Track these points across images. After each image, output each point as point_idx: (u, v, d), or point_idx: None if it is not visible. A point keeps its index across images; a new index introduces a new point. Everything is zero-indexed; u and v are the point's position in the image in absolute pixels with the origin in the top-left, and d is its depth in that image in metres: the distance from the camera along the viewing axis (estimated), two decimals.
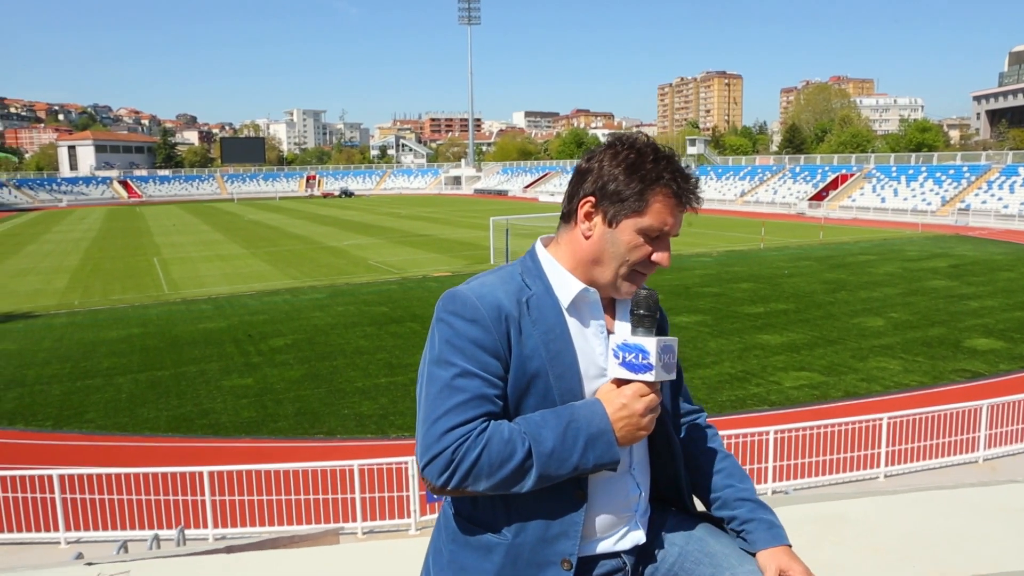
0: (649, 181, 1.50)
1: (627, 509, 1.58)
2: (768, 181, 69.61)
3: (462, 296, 1.49)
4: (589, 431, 1.43)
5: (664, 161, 1.53)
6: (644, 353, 1.43)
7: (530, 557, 1.49)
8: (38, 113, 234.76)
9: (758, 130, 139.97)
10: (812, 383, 14.69)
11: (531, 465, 1.41)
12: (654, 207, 1.51)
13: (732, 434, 9.80)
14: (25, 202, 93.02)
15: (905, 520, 1.81)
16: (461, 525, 1.57)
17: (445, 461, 1.39)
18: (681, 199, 1.52)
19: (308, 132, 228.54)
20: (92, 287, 28.74)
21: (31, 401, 14.52)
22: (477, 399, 1.44)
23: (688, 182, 1.53)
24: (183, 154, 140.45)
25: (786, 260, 31.69)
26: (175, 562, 1.67)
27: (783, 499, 1.96)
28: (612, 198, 1.52)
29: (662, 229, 1.51)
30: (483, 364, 1.46)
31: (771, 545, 1.57)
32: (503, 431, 1.42)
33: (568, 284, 1.55)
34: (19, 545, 8.58)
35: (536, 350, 1.48)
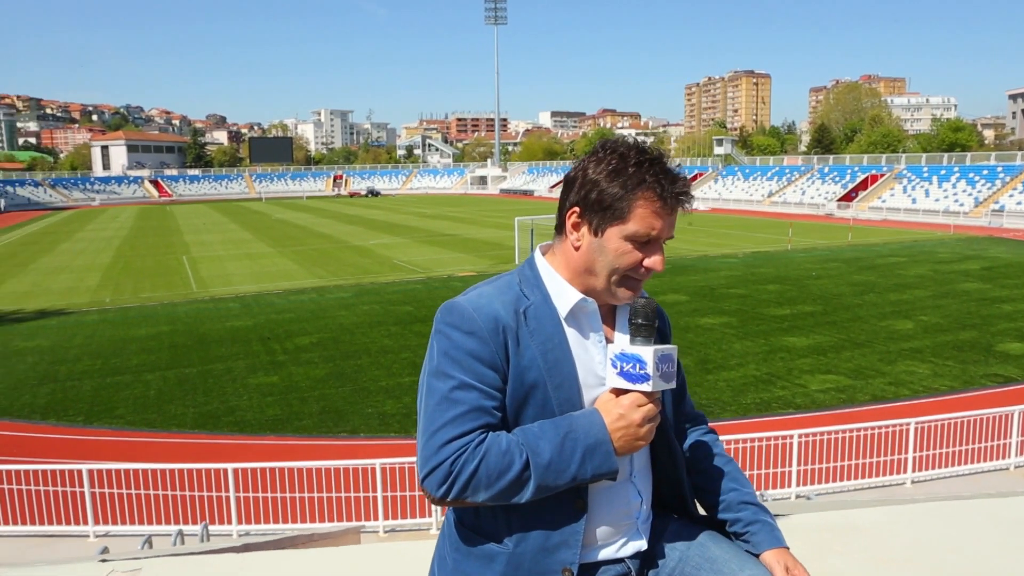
0: (631, 187, 1.48)
1: (628, 517, 1.59)
2: (796, 181, 68.85)
3: (459, 308, 1.50)
4: (587, 442, 1.43)
5: (647, 164, 1.49)
6: (641, 363, 1.43)
7: (531, 566, 1.50)
8: (73, 114, 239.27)
9: (786, 130, 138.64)
10: (838, 386, 14.52)
11: (529, 476, 1.41)
12: (637, 213, 1.48)
13: (755, 437, 9.72)
14: (60, 201, 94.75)
15: (916, 531, 1.78)
16: (464, 534, 1.58)
17: (444, 473, 1.41)
18: (667, 202, 1.49)
19: (335, 132, 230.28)
20: (123, 285, 29.22)
21: (63, 396, 14.79)
22: (475, 411, 1.44)
23: (675, 183, 1.50)
24: (212, 154, 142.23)
25: (813, 262, 31.32)
26: (187, 560, 1.70)
27: (792, 506, 1.94)
28: (595, 207, 1.50)
29: (649, 234, 1.49)
30: (480, 376, 1.46)
31: (775, 546, 1.59)
32: (501, 443, 1.42)
33: (566, 294, 1.55)
34: (50, 538, 8.75)
35: (534, 360, 1.48)
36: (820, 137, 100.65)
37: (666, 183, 1.49)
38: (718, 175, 79.04)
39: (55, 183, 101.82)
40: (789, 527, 1.73)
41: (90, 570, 1.63)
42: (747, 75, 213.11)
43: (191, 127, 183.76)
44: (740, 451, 9.59)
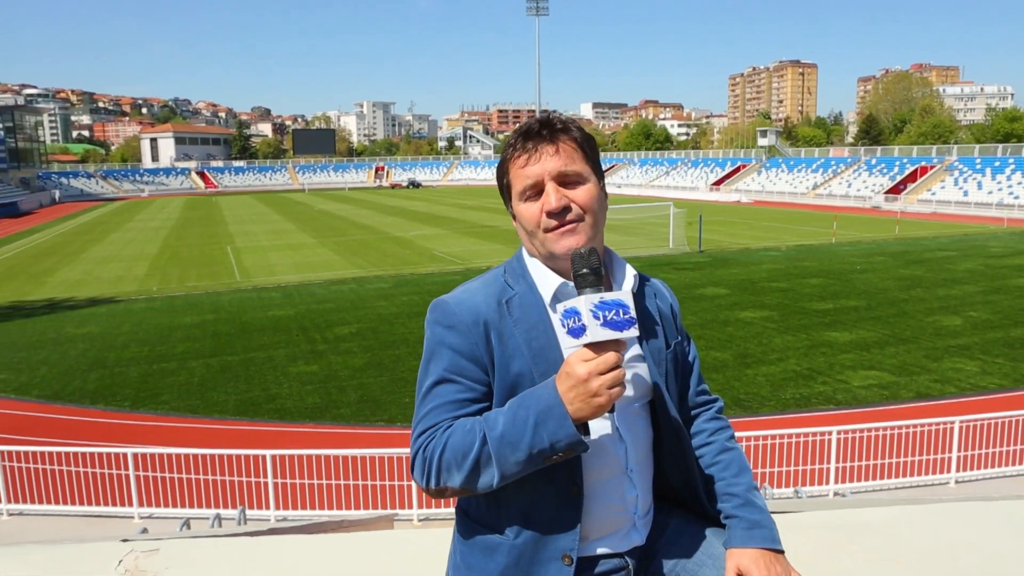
0: (505, 157, 1.57)
1: (624, 512, 1.57)
2: (842, 173, 67.44)
3: (443, 304, 1.54)
4: (538, 407, 1.37)
5: (515, 131, 1.57)
6: (577, 314, 1.34)
7: (532, 555, 1.51)
8: (124, 107, 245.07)
9: (833, 121, 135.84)
10: (882, 383, 14.22)
11: (488, 452, 1.39)
12: (512, 175, 1.55)
13: (793, 433, 9.58)
14: (111, 192, 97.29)
15: (931, 531, 1.73)
16: (468, 526, 1.60)
17: (420, 462, 1.44)
18: (524, 149, 1.52)
19: (377, 124, 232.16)
20: (169, 274, 29.90)
21: (111, 382, 15.22)
22: (450, 403, 1.47)
23: (528, 127, 1.53)
24: (257, 145, 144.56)
25: (858, 255, 30.68)
26: (203, 542, 1.76)
27: (805, 503, 1.91)
28: (502, 192, 1.61)
29: (527, 185, 1.51)
30: (460, 369, 1.48)
31: (742, 545, 1.52)
32: (466, 424, 1.43)
33: (548, 281, 1.55)
34: (97, 518, 9.04)
35: (518, 349, 1.49)
36: (868, 128, 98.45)
37: (521, 136, 1.53)
38: (761, 167, 77.79)
39: (106, 175, 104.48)
40: (801, 525, 1.70)
41: (112, 549, 1.69)
42: (793, 65, 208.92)
43: (237, 119, 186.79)
44: (777, 447, 9.46)
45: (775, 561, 1.50)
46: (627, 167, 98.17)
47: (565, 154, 1.50)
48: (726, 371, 14.97)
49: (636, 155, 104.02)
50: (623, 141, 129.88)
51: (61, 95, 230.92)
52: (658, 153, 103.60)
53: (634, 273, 1.62)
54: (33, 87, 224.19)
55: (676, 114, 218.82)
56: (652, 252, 32.36)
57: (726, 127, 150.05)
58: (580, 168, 1.52)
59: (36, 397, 14.43)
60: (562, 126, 1.53)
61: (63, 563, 1.64)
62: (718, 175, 79.68)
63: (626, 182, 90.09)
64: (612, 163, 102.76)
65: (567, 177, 1.50)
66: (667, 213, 36.17)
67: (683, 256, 31.14)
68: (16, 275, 30.72)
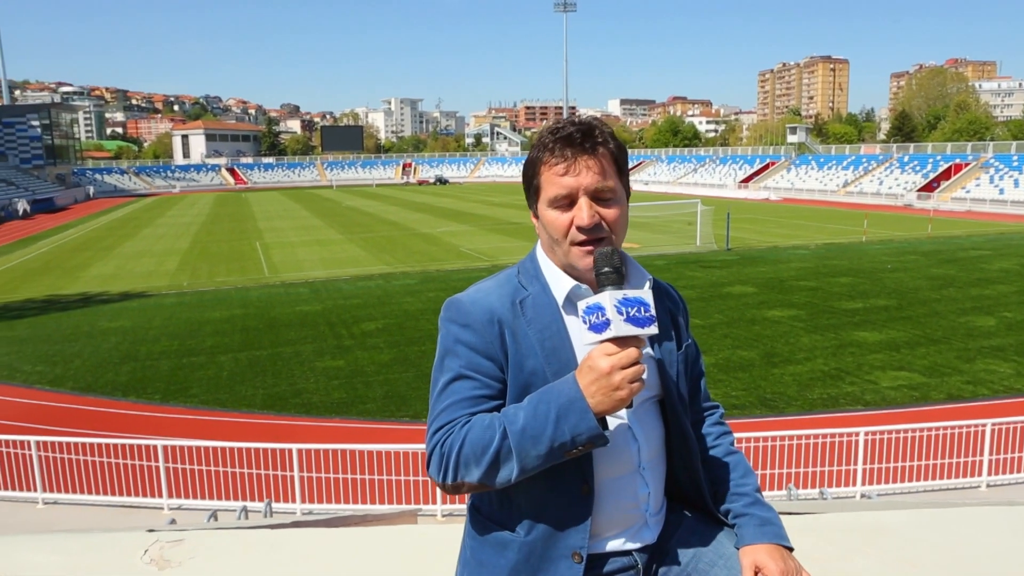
0: (536, 162, 1.54)
1: (636, 509, 1.58)
2: (873, 171, 66.43)
3: (458, 303, 1.56)
4: (559, 401, 1.39)
5: (547, 134, 1.54)
6: (601, 310, 1.37)
7: (542, 552, 1.52)
8: (156, 104, 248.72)
9: (864, 117, 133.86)
10: (911, 384, 14.02)
11: (509, 447, 1.40)
12: (544, 179, 1.53)
13: (820, 433, 9.49)
14: (143, 188, 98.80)
15: (946, 535, 1.71)
16: (480, 522, 1.62)
17: (438, 456, 1.45)
18: (563, 156, 1.49)
19: (405, 120, 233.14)
20: (199, 269, 30.33)
21: (142, 375, 15.49)
22: (467, 400, 1.49)
23: (569, 138, 1.50)
24: (286, 142, 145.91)
25: (889, 254, 30.23)
26: (226, 534, 1.80)
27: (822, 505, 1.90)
28: (528, 195, 1.59)
29: (560, 194, 1.50)
30: (476, 366, 1.50)
31: (756, 541, 1.54)
32: (484, 419, 1.45)
33: (561, 282, 1.57)
34: (128, 508, 9.22)
35: (532, 349, 1.51)
36: (900, 125, 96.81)
37: (560, 141, 1.51)
38: (791, 164, 76.89)
39: (139, 171, 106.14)
40: (817, 527, 1.69)
41: (138, 539, 1.75)
42: (824, 61, 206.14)
43: (266, 116, 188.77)
44: (803, 447, 9.38)
45: (788, 557, 1.52)
46: (654, 164, 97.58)
47: (602, 169, 1.51)
48: (752, 370, 14.86)
49: (663, 152, 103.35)
50: (651, 138, 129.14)
51: (96, 93, 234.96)
52: (686, 150, 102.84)
53: (649, 277, 1.64)
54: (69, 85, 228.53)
55: (705, 111, 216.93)
56: (679, 250, 32.17)
57: (755, 124, 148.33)
58: (614, 184, 1.53)
59: (70, 389, 14.73)
60: (603, 138, 1.52)
61: (92, 551, 1.70)
62: (746, 172, 78.91)
63: (653, 179, 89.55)
64: (639, 160, 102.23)
65: (601, 193, 1.51)
66: (694, 211, 35.93)
67: (710, 254, 30.92)
68: (52, 269, 31.36)
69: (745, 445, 9.27)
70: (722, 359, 15.64)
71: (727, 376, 14.53)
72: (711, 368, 15.01)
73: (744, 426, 11.70)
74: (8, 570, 1.57)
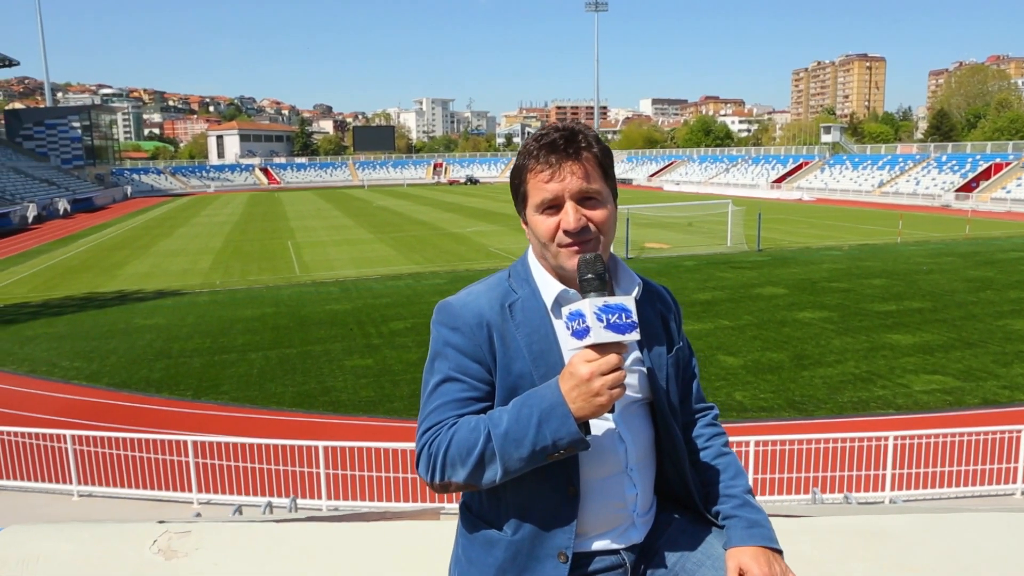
0: (523, 168, 1.56)
1: (623, 509, 1.60)
2: (910, 171, 65.24)
3: (448, 306, 1.59)
4: (542, 406, 1.41)
5: (532, 141, 1.56)
6: (582, 316, 1.38)
7: (529, 551, 1.55)
8: (192, 105, 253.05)
9: (901, 116, 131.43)
10: (945, 388, 13.76)
11: (493, 448, 1.43)
12: (530, 185, 1.55)
13: (848, 437, 9.37)
14: (179, 187, 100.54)
15: (948, 540, 1.67)
16: (470, 520, 1.65)
17: (425, 457, 1.49)
18: (547, 162, 1.51)
19: (436, 120, 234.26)
20: (232, 268, 30.78)
21: (175, 372, 15.78)
22: (455, 402, 1.52)
23: (552, 143, 1.52)
24: (319, 142, 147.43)
25: (925, 255, 29.68)
26: (233, 526, 1.85)
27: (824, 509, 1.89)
28: (516, 202, 1.61)
29: (545, 199, 1.52)
30: (464, 368, 1.53)
31: (743, 544, 1.54)
32: (471, 421, 1.48)
33: (549, 286, 1.59)
34: (158, 502, 9.41)
35: (519, 352, 1.53)
36: (938, 123, 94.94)
37: (544, 148, 1.53)
38: (824, 164, 75.84)
39: (175, 171, 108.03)
40: (814, 529, 1.68)
41: (148, 529, 1.81)
42: (860, 59, 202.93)
43: (299, 117, 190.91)
44: (830, 451, 9.27)
45: (775, 560, 1.52)
46: (686, 164, 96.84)
47: (586, 173, 1.53)
48: (781, 372, 14.70)
49: (695, 152, 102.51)
50: (682, 138, 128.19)
51: (135, 94, 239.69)
52: (718, 150, 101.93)
53: (639, 281, 1.66)
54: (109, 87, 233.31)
55: (737, 110, 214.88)
56: (709, 250, 31.92)
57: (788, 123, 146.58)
58: (600, 187, 1.54)
59: (106, 384, 15.05)
60: (586, 143, 1.54)
61: (104, 540, 1.76)
62: (779, 172, 78.00)
63: (685, 179, 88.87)
64: (670, 160, 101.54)
65: (587, 195, 1.53)
66: (725, 211, 35.61)
67: (741, 255, 30.63)
68: (90, 267, 32.05)
69: (771, 448, 9.19)
70: (751, 361, 15.50)
71: (755, 378, 14.39)
72: (739, 370, 14.88)
73: (771, 428, 11.59)
74: (21, 556, 1.64)
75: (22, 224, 53.09)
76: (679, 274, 26.09)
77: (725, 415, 12.56)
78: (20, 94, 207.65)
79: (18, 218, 53.36)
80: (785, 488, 9.18)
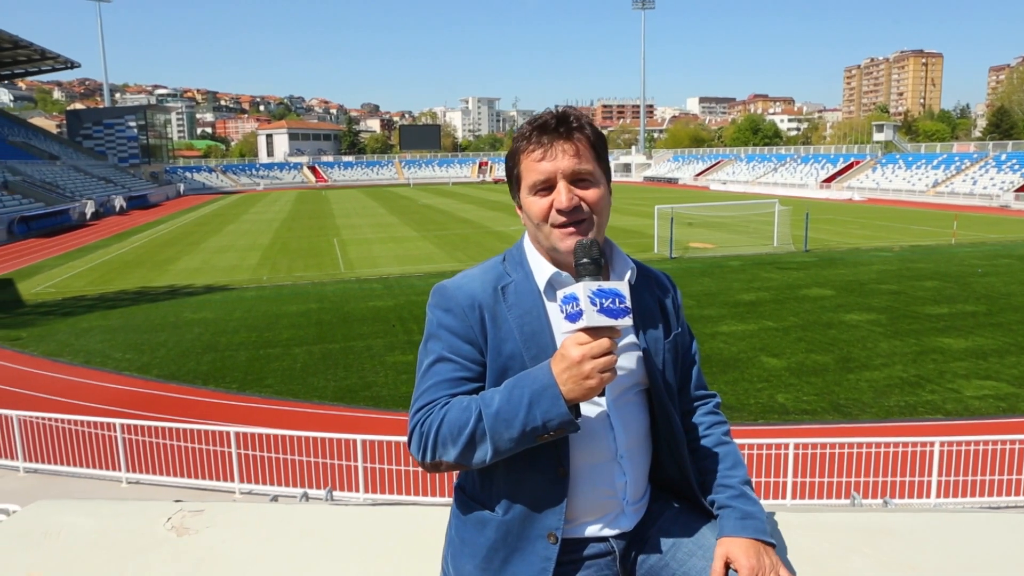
0: (516, 151, 1.59)
1: (613, 496, 1.61)
2: (967, 170, 63.31)
3: (442, 288, 1.63)
4: (533, 387, 1.43)
5: (526, 124, 1.60)
6: (575, 300, 1.40)
7: (519, 532, 1.57)
8: (243, 105, 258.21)
9: (959, 114, 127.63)
10: (998, 394, 13.35)
11: (484, 428, 1.45)
12: (523, 167, 1.58)
13: (892, 442, 9.16)
14: (229, 185, 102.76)
15: (955, 540, 1.63)
16: (463, 501, 1.67)
17: (416, 436, 1.51)
18: (539, 142, 1.54)
19: (482, 119, 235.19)
20: (279, 264, 31.36)
21: (222, 365, 16.15)
22: (448, 381, 1.54)
23: (544, 125, 1.55)
24: (365, 141, 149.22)
25: (980, 257, 28.80)
26: (246, 506, 1.93)
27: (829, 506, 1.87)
28: (510, 184, 1.65)
29: (538, 179, 1.55)
30: (456, 349, 1.56)
31: (734, 534, 1.53)
32: (462, 401, 1.50)
33: (543, 269, 1.61)
34: (202, 491, 9.66)
35: (511, 333, 1.56)
36: (998, 121, 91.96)
37: (537, 129, 1.56)
38: (877, 163, 74.06)
39: (226, 169, 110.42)
40: (817, 524, 1.66)
41: (164, 508, 1.91)
42: (915, 55, 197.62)
43: (347, 116, 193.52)
44: (872, 455, 9.07)
45: (765, 553, 1.51)
46: (733, 163, 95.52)
47: (579, 153, 1.55)
48: (826, 375, 14.42)
49: (743, 151, 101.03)
50: (730, 136, 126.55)
51: (188, 94, 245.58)
52: (766, 149, 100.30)
53: (632, 266, 1.67)
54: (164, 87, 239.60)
55: (786, 108, 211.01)
56: (755, 251, 31.45)
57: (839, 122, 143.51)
58: (592, 168, 1.57)
59: (155, 376, 15.48)
60: (577, 124, 1.57)
61: (122, 517, 1.86)
62: (829, 172, 76.43)
63: (732, 179, 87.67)
64: (717, 159, 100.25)
65: (579, 175, 1.55)
66: (772, 211, 35.05)
67: (787, 255, 30.11)
68: (143, 263, 32.98)
69: (811, 451, 9.03)
70: (795, 363, 15.24)
71: (799, 380, 14.15)
72: (782, 371, 14.65)
73: (812, 432, 11.38)
74: (45, 529, 1.74)
75: (80, 220, 54.85)
76: (723, 274, 25.77)
77: (766, 417, 12.40)
78: (81, 95, 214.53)
79: (77, 215, 55.13)
80: (825, 492, 9.02)
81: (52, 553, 1.79)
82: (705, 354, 15.92)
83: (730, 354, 15.94)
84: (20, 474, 10.53)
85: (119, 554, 1.78)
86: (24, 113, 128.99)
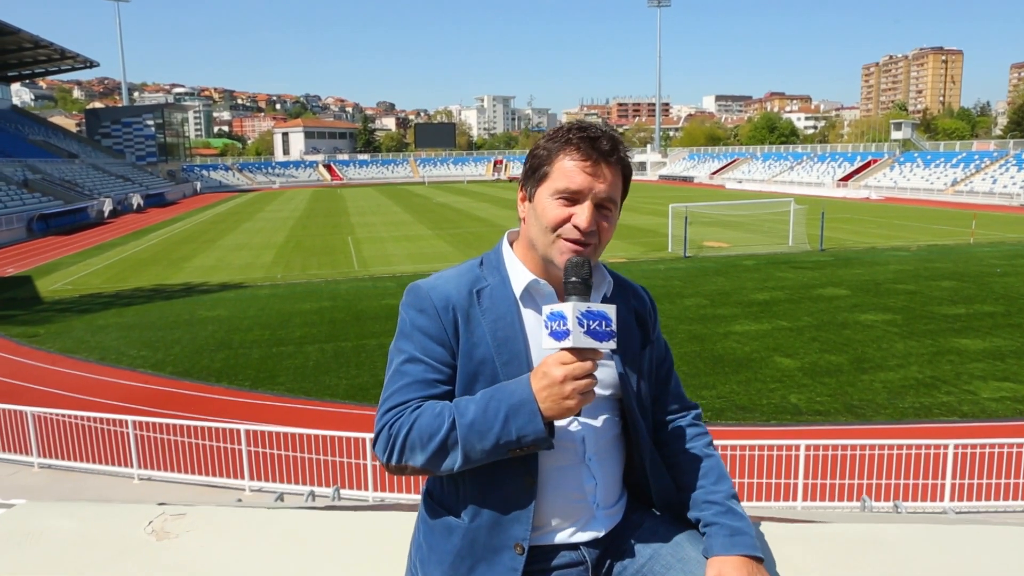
0: (555, 148, 1.54)
1: (582, 501, 1.58)
2: (986, 168, 62.59)
3: (416, 289, 1.60)
4: (510, 401, 1.42)
5: (575, 129, 1.54)
6: (563, 318, 1.38)
7: (486, 540, 1.54)
8: (259, 103, 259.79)
9: (979, 112, 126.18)
10: (1016, 396, 13.17)
11: (456, 437, 1.43)
12: (558, 166, 1.53)
13: (904, 444, 9.05)
14: (245, 183, 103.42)
15: (945, 553, 1.58)
16: (430, 507, 1.65)
17: (384, 437, 1.49)
18: (586, 155, 1.51)
19: (497, 117, 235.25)
20: (293, 262, 31.50)
21: (235, 362, 16.23)
22: (419, 383, 1.52)
23: (596, 141, 1.52)
24: (381, 139, 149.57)
25: (1000, 257, 28.45)
26: (227, 510, 1.92)
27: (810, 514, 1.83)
28: (529, 174, 1.59)
29: (568, 188, 1.51)
30: (428, 351, 1.54)
31: (725, 553, 1.50)
32: (435, 407, 1.48)
33: (520, 275, 1.59)
34: (211, 488, 9.72)
35: (483, 338, 1.53)
36: (1019, 119, 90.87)
37: (586, 141, 1.52)
38: (894, 162, 73.38)
39: (242, 167, 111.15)
40: (807, 536, 1.62)
41: (147, 511, 1.90)
42: (935, 52, 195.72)
43: (362, 114, 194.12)
44: (884, 457, 8.98)
45: (757, 570, 1.48)
46: (749, 161, 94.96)
47: (614, 181, 1.55)
48: (840, 376, 14.29)
49: (758, 149, 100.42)
50: (746, 135, 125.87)
51: (205, 93, 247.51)
52: (782, 147, 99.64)
53: (609, 279, 1.66)
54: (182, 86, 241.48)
55: (803, 107, 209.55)
56: (770, 250, 31.25)
57: (857, 120, 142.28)
58: (617, 200, 1.57)
59: (169, 373, 15.59)
60: (623, 154, 1.57)
61: (104, 519, 1.85)
62: (846, 170, 75.82)
63: (747, 177, 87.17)
64: (733, 157, 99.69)
65: (605, 203, 1.54)
66: (787, 210, 34.81)
67: (803, 254, 29.89)
68: (159, 260, 33.25)
69: (822, 453, 8.95)
70: (808, 363, 15.12)
71: (812, 381, 14.03)
72: (795, 372, 14.54)
73: (825, 433, 11.28)
74: (26, 531, 1.74)
75: (98, 218, 55.37)
76: (738, 273, 25.62)
77: (779, 417, 12.30)
78: (100, 94, 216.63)
79: (95, 212, 55.65)
80: (836, 494, 8.93)
81: (33, 555, 1.79)
82: (718, 354, 15.84)
83: (743, 354, 15.84)
84: (35, 469, 10.64)
85: (98, 558, 1.77)
86: (44, 112, 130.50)
